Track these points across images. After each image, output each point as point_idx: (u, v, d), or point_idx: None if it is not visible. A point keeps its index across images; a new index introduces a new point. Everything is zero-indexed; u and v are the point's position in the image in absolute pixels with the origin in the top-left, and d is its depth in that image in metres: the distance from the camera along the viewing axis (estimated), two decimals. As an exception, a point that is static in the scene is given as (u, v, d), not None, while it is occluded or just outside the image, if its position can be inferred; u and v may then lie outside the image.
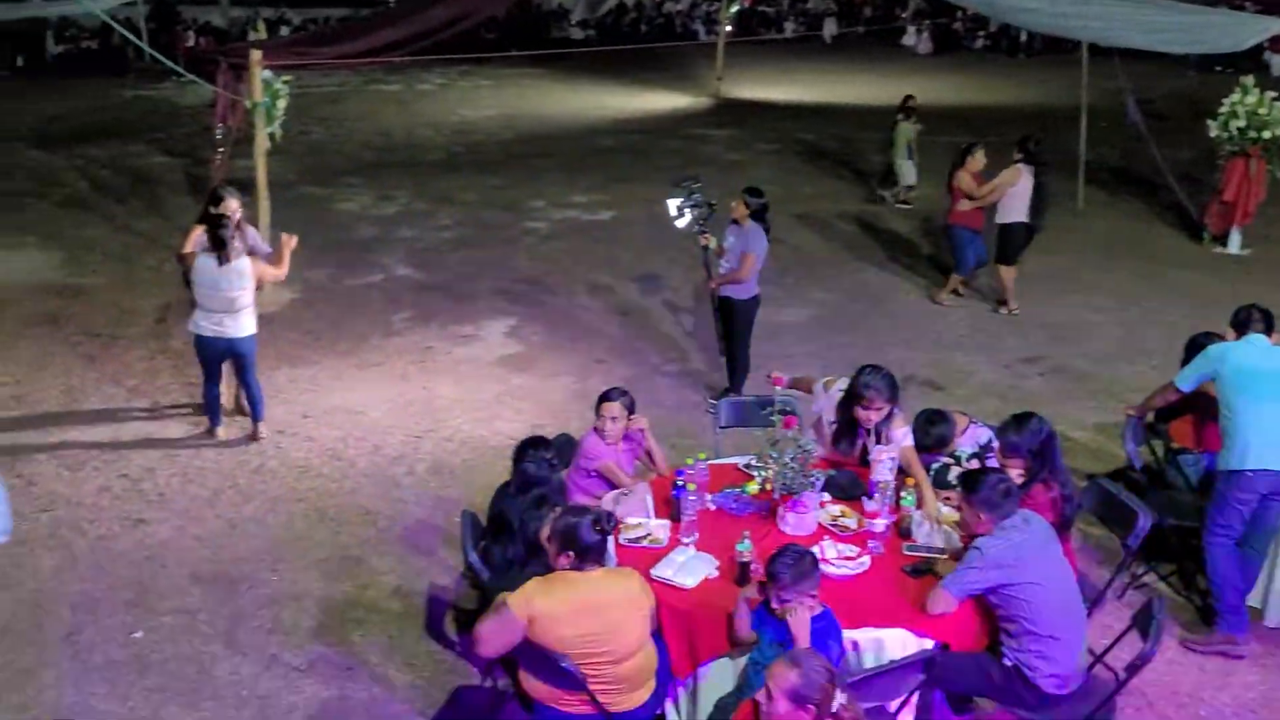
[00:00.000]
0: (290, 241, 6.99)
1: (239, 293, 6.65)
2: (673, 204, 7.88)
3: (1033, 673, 4.14)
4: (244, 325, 6.80)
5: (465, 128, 19.58)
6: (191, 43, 26.26)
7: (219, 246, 6.53)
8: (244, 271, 6.63)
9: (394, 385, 8.21)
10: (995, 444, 5.13)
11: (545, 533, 4.47)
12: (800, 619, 3.83)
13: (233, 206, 6.90)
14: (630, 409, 5.40)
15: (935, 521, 4.79)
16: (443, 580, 5.71)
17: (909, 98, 13.74)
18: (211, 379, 7.03)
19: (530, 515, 4.64)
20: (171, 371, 8.26)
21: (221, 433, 7.18)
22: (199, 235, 6.88)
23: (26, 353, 8.60)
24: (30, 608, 5.29)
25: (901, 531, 4.73)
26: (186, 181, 14.45)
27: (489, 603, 4.27)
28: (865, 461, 5.18)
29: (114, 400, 7.78)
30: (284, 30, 28.26)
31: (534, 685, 3.99)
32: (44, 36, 27.86)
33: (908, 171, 13.46)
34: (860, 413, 5.12)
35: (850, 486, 5.03)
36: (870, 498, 4.80)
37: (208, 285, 6.63)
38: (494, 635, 3.88)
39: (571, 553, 3.95)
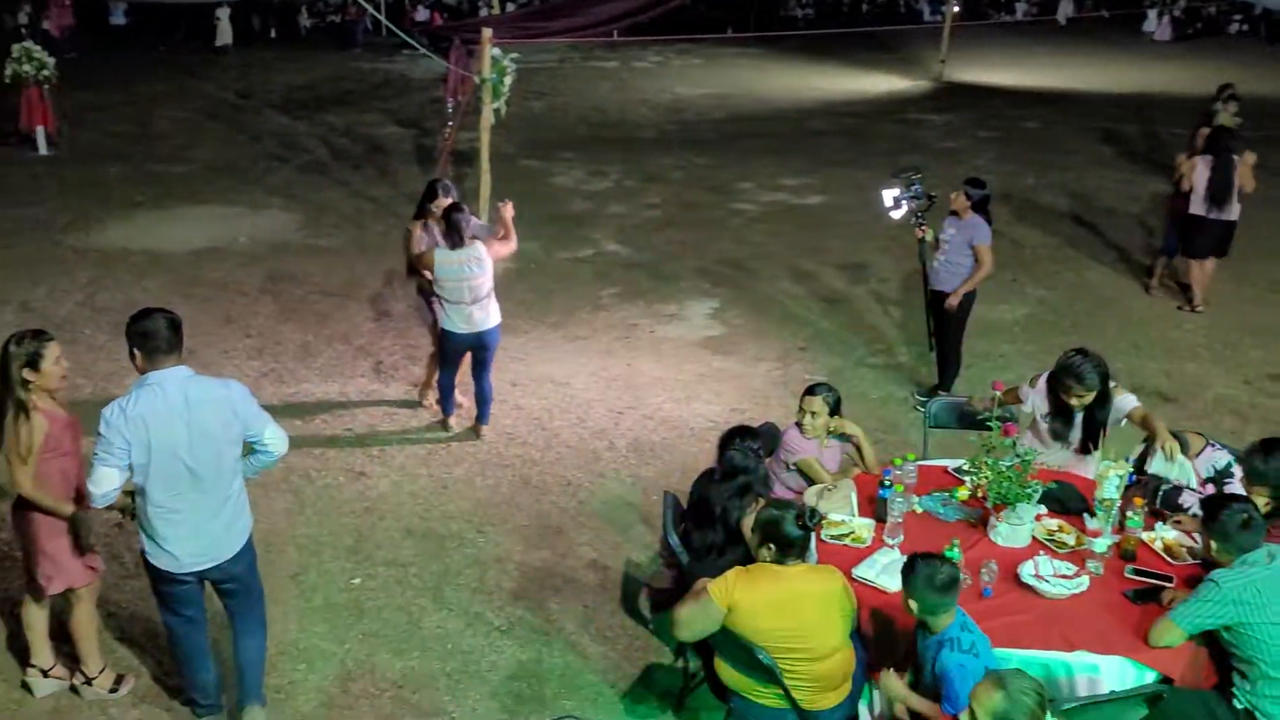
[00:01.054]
0: (507, 209, 6.86)
1: (481, 278, 6.54)
2: (889, 194, 7.64)
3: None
4: (492, 315, 6.70)
5: (678, 106, 19.70)
6: (421, 17, 27.47)
7: (453, 232, 6.49)
8: (481, 256, 6.53)
9: (598, 360, 8.38)
10: (1235, 469, 4.76)
11: (747, 523, 4.48)
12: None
13: (444, 203, 6.82)
14: (835, 407, 5.28)
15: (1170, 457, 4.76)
16: (638, 557, 5.80)
17: (1226, 86, 11.44)
18: (449, 368, 6.97)
19: (732, 504, 4.64)
20: (394, 334, 8.71)
21: (454, 423, 7.12)
22: (421, 233, 6.88)
23: (269, 307, 9.27)
24: (262, 546, 5.67)
25: (1124, 554, 4.45)
26: (415, 151, 15.17)
27: (686, 585, 4.31)
28: (1089, 447, 4.98)
29: (343, 358, 8.28)
30: (510, 7, 29.15)
31: (729, 673, 4.00)
32: (298, 10, 29.88)
33: None
34: (1064, 397, 4.97)
35: (1069, 501, 4.78)
36: (1092, 515, 4.54)
37: (450, 277, 6.50)
38: (693, 620, 3.91)
39: (773, 545, 3.92)
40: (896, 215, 7.68)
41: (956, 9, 23.77)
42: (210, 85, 20.54)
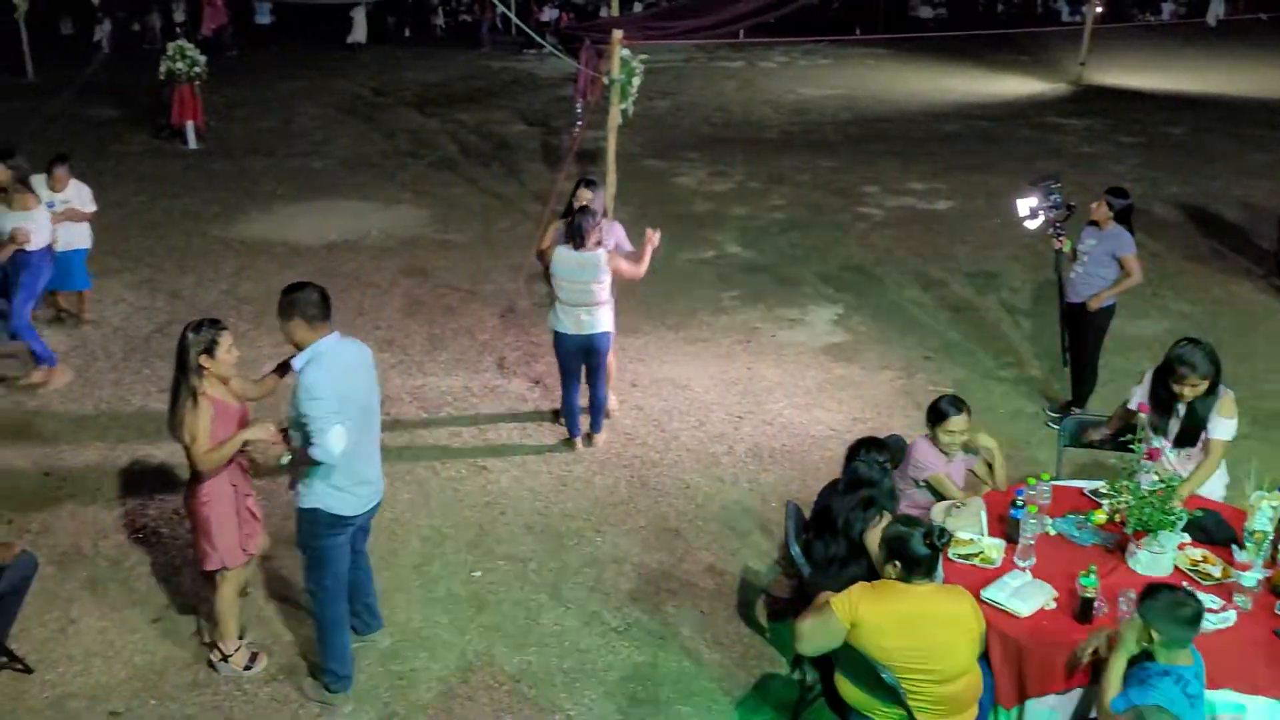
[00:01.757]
0: (653, 239, 6.62)
1: (596, 285, 6.47)
2: (1025, 203, 7.38)
3: None
4: (600, 321, 6.61)
5: (803, 107, 19.50)
6: (545, 18, 27.86)
7: (575, 234, 6.43)
8: (599, 263, 6.43)
9: (719, 363, 8.35)
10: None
11: (871, 537, 4.40)
12: None
13: (586, 196, 6.77)
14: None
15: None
16: (756, 565, 5.76)
17: None
18: (570, 381, 6.84)
19: (856, 516, 4.56)
20: (517, 330, 8.84)
21: (580, 444, 6.94)
22: (558, 230, 6.83)
23: (399, 300, 9.53)
24: (388, 536, 5.86)
25: (1275, 590, 4.21)
26: (541, 149, 15.40)
27: (806, 596, 4.26)
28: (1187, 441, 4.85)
29: (468, 352, 8.45)
30: (637, 7, 29.30)
31: (849, 690, 3.93)
32: (434, 10, 30.70)
33: None
34: (1175, 387, 4.80)
35: (1216, 530, 4.55)
36: (1241, 547, 4.32)
37: (565, 276, 6.48)
38: (814, 633, 3.86)
39: (899, 562, 3.84)
40: (1032, 225, 7.42)
41: (1099, 10, 22.92)
42: (346, 82, 21.20)
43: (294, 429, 4.34)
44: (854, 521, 4.55)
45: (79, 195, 8.30)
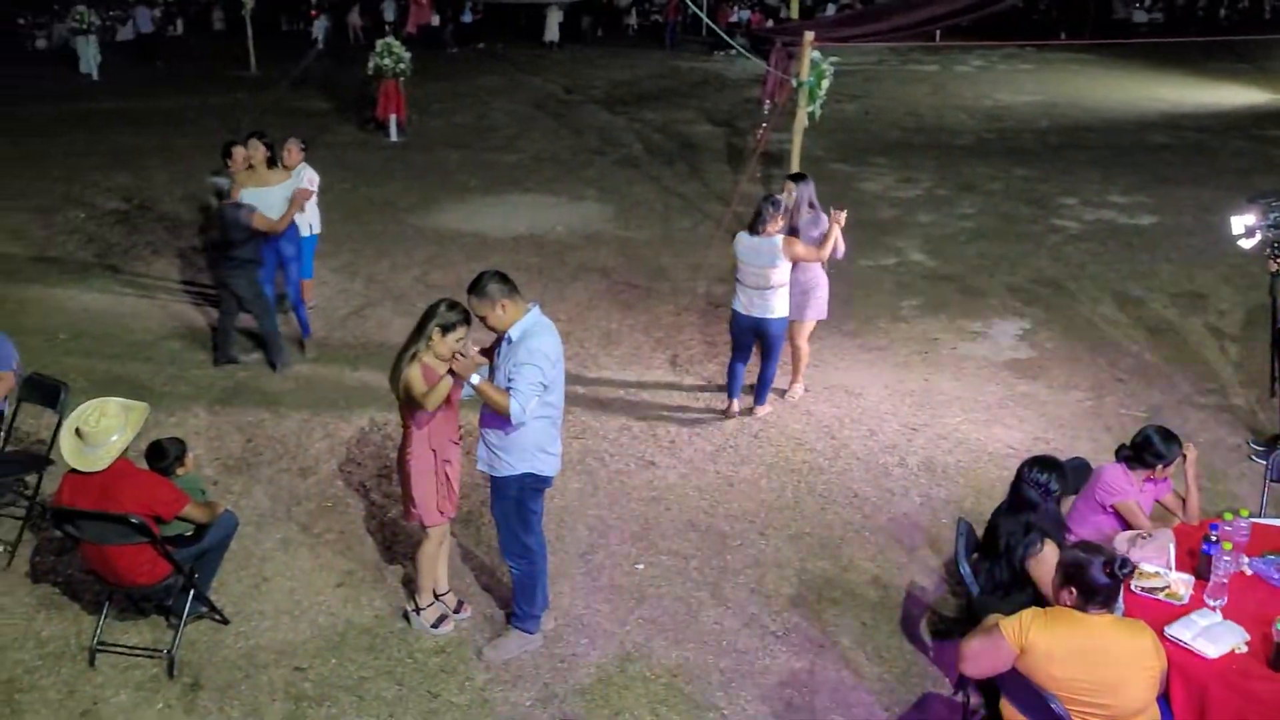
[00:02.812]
0: (839, 218, 6.94)
1: (770, 270, 6.75)
2: (1240, 221, 6.90)
3: None
4: (773, 307, 6.87)
5: (999, 113, 18.85)
6: (735, 18, 27.87)
7: (756, 220, 6.78)
8: (775, 250, 6.70)
9: (894, 372, 8.18)
10: None
11: (1033, 564, 4.24)
12: None
13: (791, 189, 7.20)
14: None
15: None
16: (923, 580, 5.62)
17: None
18: (737, 354, 7.21)
19: (1016, 541, 4.40)
20: (691, 329, 8.91)
21: (736, 407, 7.34)
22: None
23: (578, 294, 9.76)
24: (556, 522, 6.02)
25: None
26: (725, 150, 15.44)
27: (974, 617, 4.14)
28: None
29: (642, 348, 8.57)
30: (830, 8, 29.00)
31: (1014, 716, 3.79)
32: (626, 10, 31.30)
33: None
34: None
35: None
36: None
37: (743, 259, 6.84)
38: (981, 656, 3.73)
39: (1075, 590, 3.67)
40: (1248, 244, 6.93)
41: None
42: (540, 80, 21.85)
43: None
44: (1014, 545, 4.39)
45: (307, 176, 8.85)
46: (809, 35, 9.63)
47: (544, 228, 11.79)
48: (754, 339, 7.11)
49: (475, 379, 4.45)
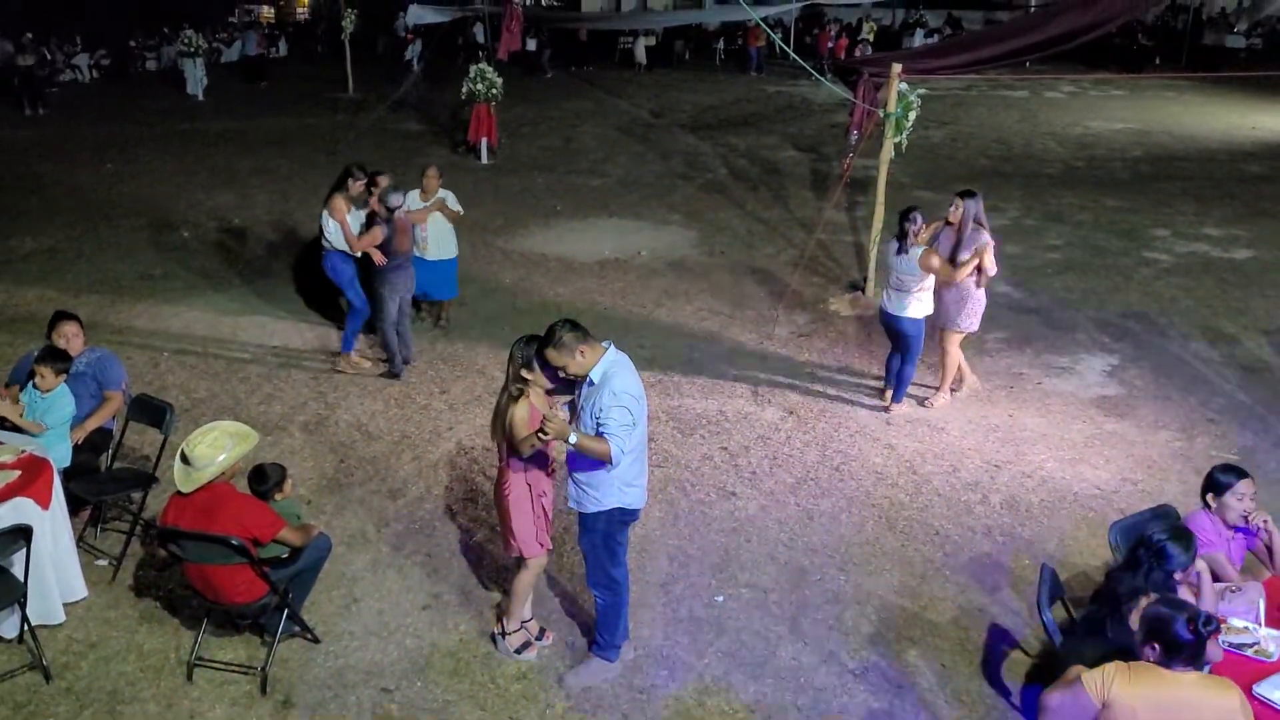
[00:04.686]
0: (987, 249, 7.52)
1: (906, 277, 7.52)
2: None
3: None
4: (905, 306, 7.58)
5: (1089, 141, 18.53)
6: (832, 43, 27.84)
7: (898, 235, 7.55)
8: (910, 266, 7.48)
9: (978, 407, 8.12)
10: None
11: (1133, 622, 4.20)
12: None
13: (959, 205, 7.64)
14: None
15: None
16: (1005, 622, 5.58)
17: None
18: (892, 349, 7.98)
19: (1125, 596, 4.34)
20: (774, 358, 8.95)
21: (887, 397, 8.06)
22: (937, 229, 7.83)
23: (662, 320, 9.87)
24: (638, 551, 6.11)
25: None
26: (810, 176, 15.46)
27: (1056, 665, 4.11)
28: None
29: (724, 376, 8.64)
30: (919, 34, 28.82)
31: (1095, 771, 3.77)
32: (714, 36, 31.58)
33: None
34: None
35: None
36: None
37: (886, 264, 7.82)
38: (1062, 708, 3.73)
39: (1158, 645, 3.65)
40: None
41: None
42: (627, 104, 22.10)
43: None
44: (1122, 601, 4.34)
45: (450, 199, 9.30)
46: (896, 67, 9.63)
47: (629, 252, 11.95)
48: (894, 335, 7.78)
49: (573, 438, 4.52)
